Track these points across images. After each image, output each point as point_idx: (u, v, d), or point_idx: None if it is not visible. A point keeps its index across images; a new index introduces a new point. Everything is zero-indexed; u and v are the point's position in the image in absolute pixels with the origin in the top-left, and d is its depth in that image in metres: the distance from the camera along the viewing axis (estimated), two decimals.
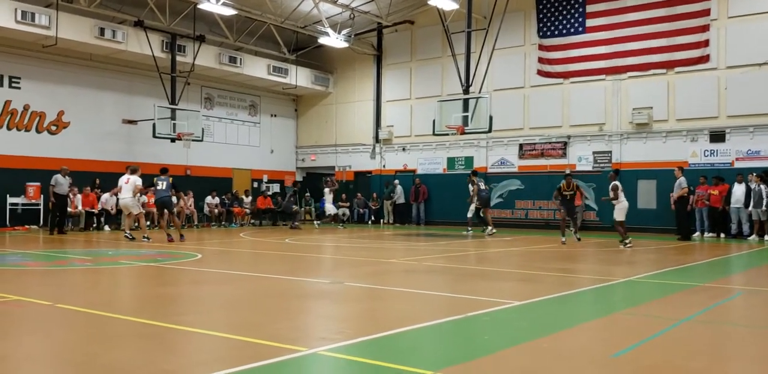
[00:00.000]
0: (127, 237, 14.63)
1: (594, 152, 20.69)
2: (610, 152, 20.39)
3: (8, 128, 18.48)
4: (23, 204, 18.29)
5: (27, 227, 18.09)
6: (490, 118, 18.10)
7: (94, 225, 18.57)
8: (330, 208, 21.26)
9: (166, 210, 15.10)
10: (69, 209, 17.63)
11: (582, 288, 7.60)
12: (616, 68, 20.17)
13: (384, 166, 25.05)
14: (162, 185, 14.67)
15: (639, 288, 7.83)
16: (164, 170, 15.07)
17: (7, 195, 17.96)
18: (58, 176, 16.52)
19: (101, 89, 20.44)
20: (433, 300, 6.72)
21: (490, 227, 17.33)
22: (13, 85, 18.64)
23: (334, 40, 21.83)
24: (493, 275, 9.01)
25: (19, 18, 16.70)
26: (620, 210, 13.76)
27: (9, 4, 16.64)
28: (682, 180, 16.26)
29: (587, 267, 10.37)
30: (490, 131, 18.64)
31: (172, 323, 5.15)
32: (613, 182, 13.79)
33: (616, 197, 13.58)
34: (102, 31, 18.48)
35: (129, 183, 14.52)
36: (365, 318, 5.74)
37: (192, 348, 4.52)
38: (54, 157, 18.64)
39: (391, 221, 23.93)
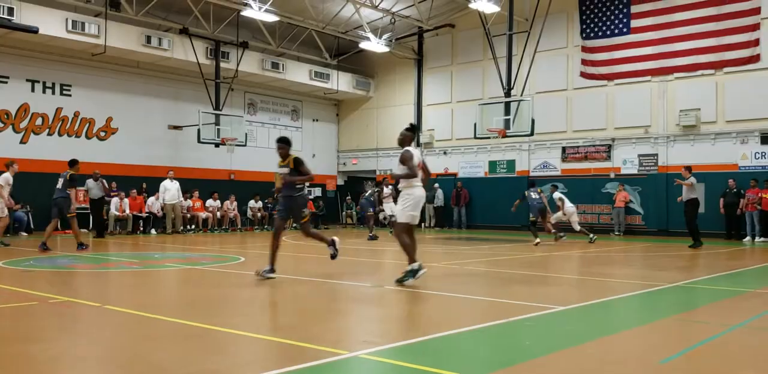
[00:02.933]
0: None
1: (639, 155, 20.28)
2: (656, 154, 19.96)
3: (59, 134, 19.05)
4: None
5: (80, 230, 18.56)
6: (532, 121, 17.95)
7: (141, 229, 18.98)
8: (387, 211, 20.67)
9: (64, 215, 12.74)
10: (116, 213, 18.07)
11: (627, 293, 7.44)
12: (663, 69, 19.75)
13: None
14: (59, 182, 12.53)
15: (687, 293, 7.63)
16: (71, 163, 12.84)
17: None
18: (90, 181, 16.80)
19: (148, 96, 20.91)
20: (475, 305, 6.66)
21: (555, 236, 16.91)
22: (65, 92, 19.22)
23: (375, 44, 21.92)
24: (536, 279, 8.89)
25: (69, 28, 17.23)
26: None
27: (60, 14, 17.18)
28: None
29: (633, 272, 10.15)
30: (532, 134, 18.49)
31: (216, 324, 5.22)
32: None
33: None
34: (149, 38, 18.93)
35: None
36: (406, 321, 5.73)
37: (235, 349, 4.57)
38: (103, 162, 19.15)
39: (432, 225, 23.86)
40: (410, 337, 4.81)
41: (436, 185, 23.65)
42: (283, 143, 8.49)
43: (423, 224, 24.20)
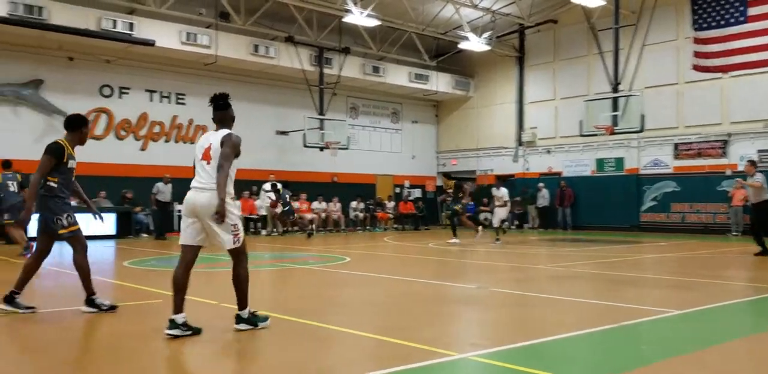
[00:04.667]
0: None
1: (759, 151, 19.01)
2: None
3: (175, 141, 20.20)
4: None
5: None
6: (642, 117, 17.29)
7: (252, 230, 19.78)
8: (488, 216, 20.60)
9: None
10: None
11: (747, 298, 7.05)
12: None
13: (528, 169, 24.59)
14: (11, 185, 11.72)
15: None
16: (6, 164, 11.87)
17: (175, 203, 19.57)
18: (160, 184, 17.38)
19: (256, 103, 21.77)
20: (584, 308, 6.52)
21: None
22: (179, 101, 20.37)
23: (474, 44, 21.78)
24: (647, 282, 8.57)
25: (184, 39, 18.23)
26: None
27: (175, 27, 18.20)
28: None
29: (752, 275, 9.58)
30: (641, 130, 17.80)
31: (325, 323, 5.40)
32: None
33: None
34: (256, 47, 19.71)
35: None
36: (514, 324, 5.69)
37: (345, 348, 4.71)
38: None
39: (535, 226, 23.42)
40: (519, 340, 4.79)
41: (541, 184, 23.18)
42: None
43: (525, 225, 23.80)
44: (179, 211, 19.61)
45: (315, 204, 21.46)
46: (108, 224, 16.88)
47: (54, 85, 17.92)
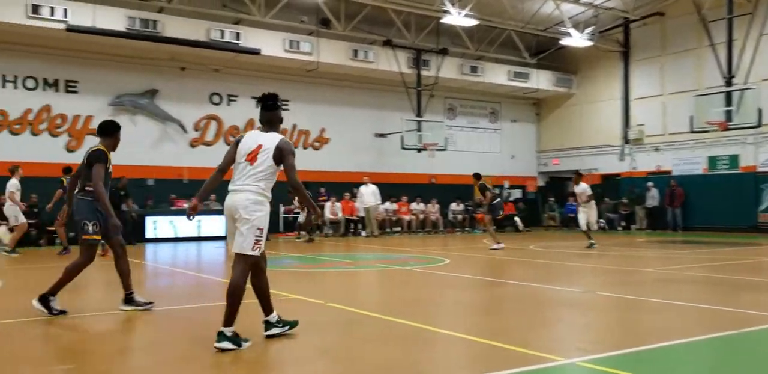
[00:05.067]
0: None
1: None
2: None
3: None
4: (294, 213, 20.52)
5: (297, 233, 20.20)
6: (759, 111, 16.30)
7: (352, 231, 20.15)
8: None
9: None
10: (329, 216, 19.37)
11: None
12: None
13: (635, 168, 23.65)
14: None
15: None
16: (66, 170, 12.55)
17: (281, 205, 20.27)
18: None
19: (355, 107, 22.18)
20: (697, 313, 6.23)
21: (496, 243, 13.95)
22: (284, 107, 20.94)
23: (577, 39, 21.21)
24: (766, 286, 8.07)
25: (287, 47, 18.84)
26: None
27: (279, 36, 18.84)
28: None
29: None
30: (759, 125, 16.79)
31: (428, 324, 5.45)
32: None
33: None
34: (355, 52, 20.09)
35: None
36: (622, 329, 5.53)
37: (449, 350, 4.74)
38: (316, 170, 20.79)
39: (643, 227, 22.49)
40: (628, 345, 4.65)
41: (650, 183, 22.22)
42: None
43: (633, 226, 22.91)
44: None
45: (413, 205, 21.64)
46: (219, 225, 17.75)
47: (168, 94, 19.01)
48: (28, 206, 13.88)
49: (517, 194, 25.73)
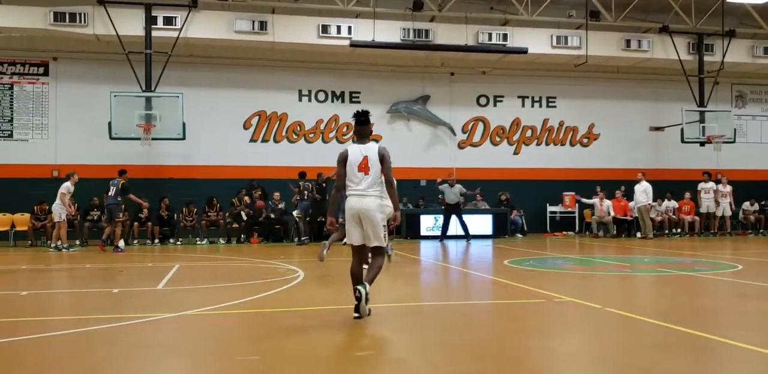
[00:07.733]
0: (57, 248, 13.92)
1: None
2: None
3: (546, 144, 20.70)
4: (561, 212, 20.13)
5: (564, 233, 19.79)
6: None
7: (625, 232, 19.00)
8: None
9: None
10: (598, 216, 18.57)
11: None
12: None
13: None
14: (111, 190, 13.97)
15: None
16: (120, 172, 14.23)
17: (547, 204, 20.02)
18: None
19: (627, 99, 21.03)
20: None
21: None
22: (550, 104, 20.81)
23: None
24: None
25: (554, 43, 18.47)
26: None
27: (545, 33, 18.48)
28: None
29: None
30: None
31: (719, 336, 5.01)
32: None
33: None
34: (628, 42, 18.99)
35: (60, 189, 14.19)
36: None
37: (738, 364, 4.31)
38: (585, 167, 20.20)
39: None
40: None
41: None
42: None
43: None
44: (552, 212, 20.00)
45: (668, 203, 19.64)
46: (485, 224, 18.15)
47: (438, 99, 19.95)
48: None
49: None
